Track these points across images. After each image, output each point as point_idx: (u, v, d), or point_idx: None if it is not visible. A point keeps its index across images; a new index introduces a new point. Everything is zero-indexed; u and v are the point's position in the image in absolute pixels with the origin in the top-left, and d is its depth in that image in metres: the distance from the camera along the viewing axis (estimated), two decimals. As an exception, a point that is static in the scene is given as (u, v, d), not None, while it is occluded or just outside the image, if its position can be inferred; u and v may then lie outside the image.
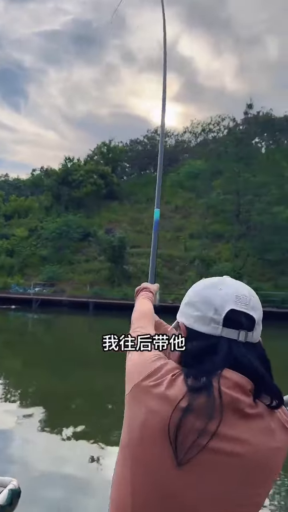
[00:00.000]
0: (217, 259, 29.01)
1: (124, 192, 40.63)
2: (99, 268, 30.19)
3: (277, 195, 27.81)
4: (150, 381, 0.85)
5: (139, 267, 29.66)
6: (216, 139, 45.16)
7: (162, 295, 26.38)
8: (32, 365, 11.87)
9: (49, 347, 15.40)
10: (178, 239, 32.28)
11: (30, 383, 9.63)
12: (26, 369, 11.43)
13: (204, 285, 0.96)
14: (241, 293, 0.90)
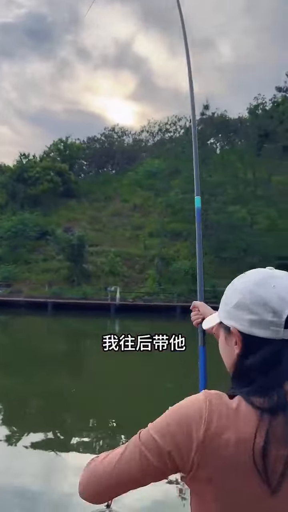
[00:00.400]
0: (176, 257, 29.49)
1: (82, 190, 40.21)
2: (57, 267, 29.74)
3: (232, 195, 28.73)
4: (213, 427, 0.76)
5: (98, 266, 29.59)
6: (173, 138, 45.83)
7: (122, 294, 26.47)
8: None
9: (5, 348, 15.00)
10: (137, 238, 32.48)
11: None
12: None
13: (254, 282, 0.86)
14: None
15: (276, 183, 31.71)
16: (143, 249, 30.87)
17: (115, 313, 24.59)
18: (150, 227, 32.98)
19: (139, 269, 29.79)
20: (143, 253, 30.57)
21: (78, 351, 15.11)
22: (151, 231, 32.46)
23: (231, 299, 0.88)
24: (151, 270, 29.20)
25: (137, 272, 29.62)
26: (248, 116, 45.62)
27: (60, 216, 35.20)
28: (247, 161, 30.77)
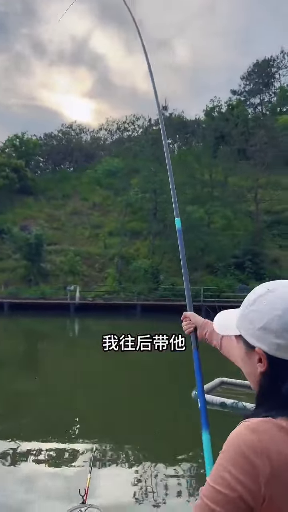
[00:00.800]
0: (136, 256, 29.72)
1: (39, 188, 39.49)
2: (14, 266, 29.07)
3: (190, 195, 29.33)
4: (274, 456, 0.75)
5: (57, 265, 29.24)
6: (131, 137, 46.02)
7: (82, 293, 26.34)
8: None
9: None
10: (97, 237, 32.39)
11: None
12: None
13: (282, 308, 0.85)
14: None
15: (231, 184, 32.75)
16: (102, 248, 30.85)
17: (74, 312, 24.45)
18: (110, 226, 33.00)
19: (98, 268, 29.75)
20: (103, 252, 30.55)
21: (36, 351, 14.91)
22: (110, 230, 32.50)
23: (256, 319, 0.88)
24: (111, 269, 29.24)
25: (96, 271, 29.57)
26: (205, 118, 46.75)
27: (16, 214, 34.40)
28: (204, 162, 31.54)
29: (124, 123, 50.63)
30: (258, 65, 58.23)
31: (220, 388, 8.19)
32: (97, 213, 35.49)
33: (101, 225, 33.67)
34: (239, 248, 29.42)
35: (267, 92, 59.71)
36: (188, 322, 1.59)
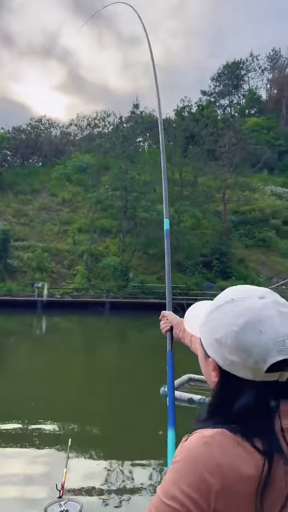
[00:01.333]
0: (106, 253, 29.66)
1: (6, 182, 38.53)
2: (-21, 262, 28.32)
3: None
4: (226, 469, 0.74)
5: (25, 261, 28.72)
6: (102, 134, 45.70)
7: (50, 290, 26.02)
8: None
9: None
10: (66, 233, 32.04)
11: None
12: None
13: (240, 324, 0.81)
14: (285, 334, 0.79)
15: (200, 184, 33.24)
16: (71, 245, 30.56)
17: (42, 309, 24.16)
18: (79, 223, 32.74)
19: (67, 265, 29.47)
20: (72, 248, 30.27)
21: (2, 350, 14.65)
22: (80, 227, 32.25)
23: (214, 329, 0.85)
24: (80, 266, 29.05)
25: (65, 268, 29.28)
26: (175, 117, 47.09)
27: (-18, 209, 33.52)
28: (174, 161, 31.77)
29: (94, 119, 50.21)
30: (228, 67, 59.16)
31: (188, 385, 8.39)
32: (66, 209, 35.09)
33: (70, 222, 33.35)
34: (207, 247, 29.98)
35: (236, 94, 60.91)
36: (165, 321, 1.62)
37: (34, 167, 45.11)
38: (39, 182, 38.89)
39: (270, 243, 33.60)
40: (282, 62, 58.66)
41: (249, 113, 55.34)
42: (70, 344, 16.40)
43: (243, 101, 59.65)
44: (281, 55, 58.62)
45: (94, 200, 30.93)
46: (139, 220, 26.77)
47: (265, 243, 33.53)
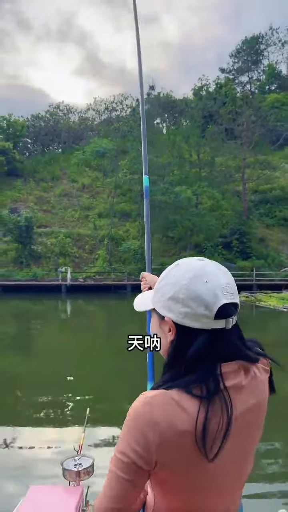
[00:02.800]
0: (126, 237, 29.83)
1: (27, 170, 39.02)
2: (4, 249, 29.00)
3: (178, 176, 29.27)
4: (163, 426, 0.84)
5: (48, 247, 29.24)
6: (119, 117, 45.34)
7: (73, 274, 26.47)
8: None
9: None
10: (86, 218, 32.33)
11: None
12: None
13: (188, 278, 0.91)
14: (224, 283, 0.91)
15: (219, 164, 32.71)
16: (92, 230, 30.85)
17: (66, 293, 24.64)
18: (99, 208, 32.94)
19: (89, 249, 29.84)
20: (93, 233, 30.58)
21: (29, 331, 15.11)
22: (100, 212, 32.45)
23: (166, 291, 0.94)
24: (101, 250, 29.35)
25: (87, 252, 29.66)
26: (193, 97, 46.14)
27: (5, 197, 34.08)
28: (192, 142, 31.37)
29: (112, 103, 49.78)
30: (247, 42, 57.35)
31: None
32: (86, 195, 35.32)
33: (91, 207, 33.58)
34: (227, 227, 29.68)
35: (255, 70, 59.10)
36: (144, 282, 1.67)
37: (54, 154, 45.36)
38: (59, 169, 39.14)
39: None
40: (303, 34, 56.28)
41: (269, 89, 53.61)
42: (93, 325, 16.72)
43: (263, 77, 57.73)
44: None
45: (113, 184, 30.98)
46: (157, 203, 26.63)
47: (287, 222, 32.89)
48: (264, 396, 0.98)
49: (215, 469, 0.90)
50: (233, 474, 0.96)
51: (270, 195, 34.24)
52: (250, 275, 26.87)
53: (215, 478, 0.92)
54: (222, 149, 32.35)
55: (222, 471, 0.92)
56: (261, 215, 33.18)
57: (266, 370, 1.00)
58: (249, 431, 0.95)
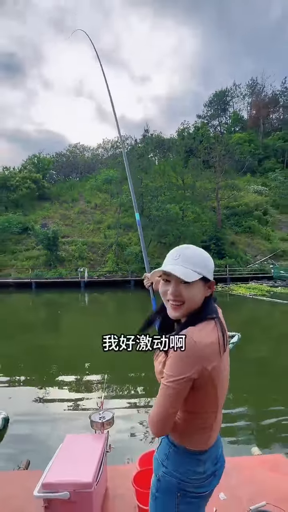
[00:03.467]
0: (129, 244, 29.75)
1: (53, 194, 38.97)
2: (37, 255, 28.93)
3: (168, 196, 29.27)
4: (203, 347, 1.02)
5: (70, 252, 29.18)
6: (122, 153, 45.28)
7: (89, 273, 26.39)
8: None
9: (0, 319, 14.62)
10: (99, 230, 32.28)
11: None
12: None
13: (206, 255, 1.18)
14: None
15: (198, 187, 32.74)
16: (103, 238, 30.81)
17: (84, 287, 24.55)
18: (108, 221, 32.88)
19: (101, 254, 29.78)
20: (104, 241, 30.52)
21: (57, 317, 15.06)
22: (109, 224, 32.39)
23: (209, 265, 1.13)
24: (110, 254, 29.30)
25: (99, 256, 29.60)
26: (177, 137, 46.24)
27: (37, 215, 34.01)
28: (178, 171, 31.45)
29: (116, 142, 49.87)
30: (217, 95, 57.51)
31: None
32: (98, 212, 35.27)
33: (102, 221, 33.51)
34: (206, 235, 29.66)
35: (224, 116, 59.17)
36: (147, 279, 1.69)
37: (73, 182, 45.34)
38: (77, 193, 39.10)
39: (254, 230, 32.99)
40: (259, 88, 56.44)
41: (234, 130, 53.76)
42: (105, 311, 16.68)
43: (229, 121, 57.91)
44: (257, 83, 56.42)
45: (118, 203, 30.95)
46: (153, 217, 26.60)
47: (250, 229, 32.94)
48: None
49: (223, 363, 1.09)
50: (227, 374, 1.15)
51: (238, 210, 34.30)
52: (224, 270, 26.83)
53: (223, 372, 1.09)
54: (200, 175, 32.41)
55: (225, 366, 1.11)
56: (231, 225, 33.20)
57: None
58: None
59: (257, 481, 2.37)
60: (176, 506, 1.10)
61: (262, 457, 2.89)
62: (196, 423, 1.09)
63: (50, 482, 1.89)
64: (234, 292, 20.43)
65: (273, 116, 54.97)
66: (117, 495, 2.32)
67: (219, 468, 1.19)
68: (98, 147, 52.89)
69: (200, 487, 1.11)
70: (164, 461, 1.14)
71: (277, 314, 14.00)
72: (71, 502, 1.88)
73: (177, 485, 1.10)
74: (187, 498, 1.10)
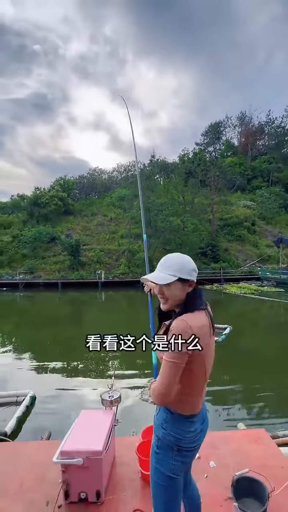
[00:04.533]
0: (139, 250, 29.77)
1: (76, 210, 39.36)
2: (63, 260, 29.18)
3: (171, 211, 29.26)
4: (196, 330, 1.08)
5: (89, 257, 29.34)
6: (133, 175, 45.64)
7: (105, 275, 26.43)
8: (20, 325, 11.40)
9: (32, 313, 14.78)
10: (114, 239, 32.40)
11: (20, 337, 9.31)
12: (17, 328, 10.96)
13: (188, 259, 1.21)
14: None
15: (197, 203, 32.63)
16: (117, 246, 30.90)
17: (101, 287, 24.59)
18: (121, 232, 32.97)
19: (115, 259, 29.85)
20: (118, 248, 30.61)
21: (79, 311, 15.12)
22: (122, 234, 32.47)
23: (184, 268, 1.16)
24: (123, 259, 29.35)
25: (114, 261, 29.67)
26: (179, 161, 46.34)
27: (63, 227, 34.37)
28: (179, 189, 31.44)
29: (128, 166, 50.36)
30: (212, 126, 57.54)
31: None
32: (113, 224, 35.44)
33: (116, 231, 33.65)
34: (203, 242, 29.46)
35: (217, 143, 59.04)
36: (147, 287, 1.73)
37: (92, 199, 45.75)
38: (96, 208, 39.43)
39: (244, 238, 32.60)
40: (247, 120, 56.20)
41: (227, 155, 53.59)
42: (119, 307, 16.67)
43: (222, 147, 57.76)
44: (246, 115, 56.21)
45: (130, 217, 31.07)
46: (158, 228, 26.60)
47: (241, 238, 32.56)
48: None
49: (211, 344, 1.14)
50: (212, 353, 1.18)
51: (230, 221, 33.99)
52: (219, 272, 26.58)
53: (210, 352, 1.14)
54: (198, 193, 32.30)
55: (210, 348, 1.15)
56: (224, 234, 32.90)
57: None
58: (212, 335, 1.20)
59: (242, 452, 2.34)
60: (172, 458, 1.18)
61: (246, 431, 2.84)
62: (188, 392, 1.14)
63: (66, 450, 1.90)
64: (227, 291, 20.18)
65: (259, 143, 54.50)
66: (123, 462, 2.31)
67: (205, 426, 1.26)
68: (113, 170, 53.46)
69: (192, 443, 1.19)
70: (163, 424, 1.19)
71: (264, 310, 13.75)
72: (84, 467, 1.89)
73: (174, 442, 1.17)
74: (182, 452, 1.18)
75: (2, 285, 24.91)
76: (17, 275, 27.09)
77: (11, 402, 4.09)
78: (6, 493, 2.04)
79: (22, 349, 7.78)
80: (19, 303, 19.68)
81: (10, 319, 12.87)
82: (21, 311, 15.82)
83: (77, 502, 1.91)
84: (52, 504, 1.93)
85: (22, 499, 1.99)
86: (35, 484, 2.13)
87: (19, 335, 9.65)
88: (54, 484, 2.09)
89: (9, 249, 30.64)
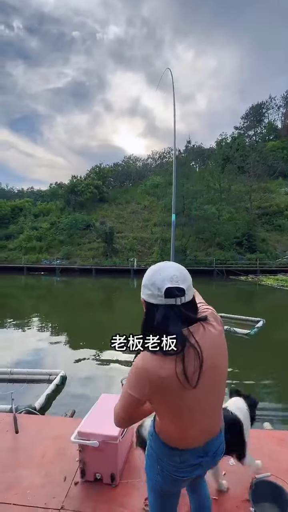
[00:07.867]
0: (171, 239, 29.45)
1: (111, 197, 39.93)
2: (97, 247, 30.03)
3: (206, 198, 28.22)
4: (153, 375, 0.83)
5: (123, 245, 29.78)
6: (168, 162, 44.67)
7: (138, 262, 26.68)
8: (56, 308, 12.04)
9: (67, 297, 15.52)
10: (147, 227, 32.40)
11: (56, 319, 9.82)
12: (53, 310, 11.58)
13: (151, 272, 0.91)
14: (172, 274, 0.87)
15: (233, 190, 31.03)
16: (150, 234, 30.86)
17: (133, 274, 24.89)
18: (154, 220, 32.79)
19: (148, 247, 29.93)
20: (150, 236, 30.59)
21: (111, 297, 15.52)
22: (155, 222, 32.30)
23: (143, 281, 0.93)
24: (155, 247, 29.29)
25: (146, 249, 29.77)
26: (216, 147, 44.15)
27: (98, 214, 35.19)
28: (215, 176, 30.08)
29: (163, 153, 49.39)
30: (253, 108, 53.53)
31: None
32: (146, 212, 35.36)
33: (149, 219, 33.56)
34: (239, 232, 28.14)
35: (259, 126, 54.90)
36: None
37: (127, 187, 45.97)
38: (130, 196, 39.55)
39: (283, 227, 30.38)
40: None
41: (269, 139, 49.62)
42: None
43: (264, 131, 53.58)
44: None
45: (163, 205, 30.65)
46: (192, 216, 25.89)
47: (280, 227, 30.40)
48: (221, 340, 0.92)
49: (198, 394, 0.85)
50: (211, 400, 0.90)
51: (269, 210, 31.82)
52: (255, 264, 25.29)
53: (199, 402, 0.87)
54: (235, 180, 30.62)
55: (204, 396, 0.87)
56: (262, 223, 30.98)
57: (221, 323, 0.95)
58: (217, 366, 0.89)
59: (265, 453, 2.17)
60: (156, 475, 1.02)
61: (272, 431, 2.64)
62: (171, 429, 0.93)
63: (83, 431, 1.92)
64: (263, 283, 19.15)
65: (307, 124, 49.50)
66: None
67: (209, 460, 0.98)
68: (148, 157, 52.88)
69: (178, 472, 0.96)
70: (150, 437, 1.05)
71: (303, 305, 12.79)
72: (100, 450, 1.89)
73: (157, 460, 1.00)
74: (165, 474, 0.98)
75: (41, 269, 26.50)
76: (54, 260, 28.42)
77: (43, 380, 4.29)
78: (29, 463, 2.15)
79: (58, 331, 8.17)
80: (55, 286, 20.79)
81: (48, 302, 13.67)
82: (56, 295, 16.70)
83: (93, 482, 1.94)
84: (69, 480, 1.97)
85: (42, 470, 2.07)
86: (55, 458, 2.20)
87: (55, 317, 10.14)
88: (72, 460, 2.14)
89: (47, 235, 32.23)
